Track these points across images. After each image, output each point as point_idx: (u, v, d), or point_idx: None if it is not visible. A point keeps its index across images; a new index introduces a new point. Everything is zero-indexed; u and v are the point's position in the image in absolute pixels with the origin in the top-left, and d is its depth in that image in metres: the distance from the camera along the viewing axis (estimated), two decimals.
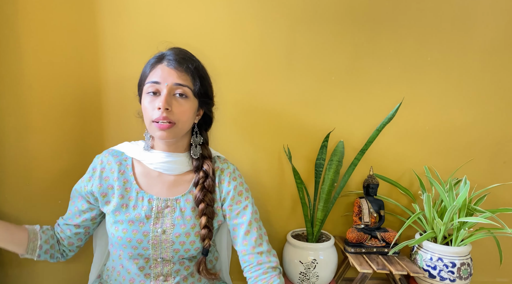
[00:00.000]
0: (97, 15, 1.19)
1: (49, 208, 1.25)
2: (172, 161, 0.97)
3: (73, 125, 1.23)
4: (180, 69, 0.91)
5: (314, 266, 1.21)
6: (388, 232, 1.28)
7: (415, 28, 1.31)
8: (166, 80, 0.89)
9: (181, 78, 0.90)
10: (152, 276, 0.96)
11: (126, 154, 1.00)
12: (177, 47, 0.98)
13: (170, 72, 0.90)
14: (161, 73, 0.90)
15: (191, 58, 0.95)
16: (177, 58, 0.92)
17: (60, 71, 1.20)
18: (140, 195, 0.96)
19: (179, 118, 0.91)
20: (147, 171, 0.98)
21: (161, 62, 0.92)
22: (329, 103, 1.33)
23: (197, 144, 1.00)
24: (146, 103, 0.91)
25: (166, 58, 0.92)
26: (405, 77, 1.34)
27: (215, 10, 1.23)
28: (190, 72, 0.92)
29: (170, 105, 0.89)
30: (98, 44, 1.20)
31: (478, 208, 1.25)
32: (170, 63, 0.91)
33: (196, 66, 0.94)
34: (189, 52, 0.98)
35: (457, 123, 1.38)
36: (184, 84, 0.91)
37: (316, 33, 1.28)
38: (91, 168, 1.00)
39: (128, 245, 0.92)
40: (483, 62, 1.35)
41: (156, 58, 0.94)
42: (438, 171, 1.38)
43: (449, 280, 1.20)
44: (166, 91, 0.89)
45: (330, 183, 1.28)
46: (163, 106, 0.87)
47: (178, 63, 0.91)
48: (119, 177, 0.97)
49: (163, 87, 0.89)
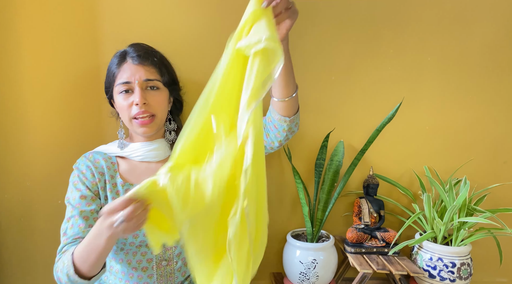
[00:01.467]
0: (97, 15, 1.19)
1: (49, 207, 1.25)
2: (155, 148, 1.00)
3: (73, 125, 1.23)
4: (146, 63, 0.94)
5: (314, 266, 1.21)
6: (388, 232, 1.28)
7: (415, 28, 1.31)
8: (135, 78, 0.93)
9: (149, 73, 0.94)
10: (155, 262, 0.97)
11: (108, 153, 1.02)
12: (136, 43, 1.01)
13: (137, 68, 0.93)
14: (129, 71, 0.93)
15: (153, 51, 0.99)
16: (141, 53, 0.95)
17: (60, 71, 1.20)
18: (126, 187, 0.98)
19: (157, 109, 0.95)
20: (133, 165, 1.01)
21: (125, 60, 0.95)
22: (329, 103, 1.33)
23: (170, 130, 1.04)
24: (121, 102, 0.94)
25: (129, 55, 0.95)
26: (405, 77, 1.34)
27: (215, 10, 1.23)
28: (156, 65, 0.96)
29: (145, 99, 0.92)
30: (98, 44, 1.20)
31: (478, 208, 1.25)
32: (135, 60, 0.94)
33: (159, 57, 0.98)
34: (149, 46, 1.01)
35: (457, 123, 1.38)
36: (153, 78, 0.95)
37: (316, 33, 1.28)
38: (80, 170, 0.98)
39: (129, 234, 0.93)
40: (483, 62, 1.35)
41: (119, 57, 0.96)
42: (438, 171, 1.38)
43: (449, 280, 1.20)
44: (138, 87, 0.92)
45: (330, 183, 1.28)
46: (140, 102, 0.91)
47: (142, 58, 0.94)
48: (107, 172, 0.99)
49: (134, 85, 0.93)
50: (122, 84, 0.93)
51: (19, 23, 1.16)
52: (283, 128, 0.96)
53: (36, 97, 1.20)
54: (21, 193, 1.24)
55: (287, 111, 0.93)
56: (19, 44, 1.17)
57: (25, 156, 1.22)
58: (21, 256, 1.27)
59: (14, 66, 1.18)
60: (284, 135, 0.98)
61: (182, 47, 1.21)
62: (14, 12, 1.15)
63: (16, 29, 1.16)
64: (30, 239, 1.27)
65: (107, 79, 0.99)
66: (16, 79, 1.18)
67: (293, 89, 0.91)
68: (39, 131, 1.21)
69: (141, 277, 0.97)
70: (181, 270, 1.00)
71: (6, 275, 1.28)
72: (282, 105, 0.92)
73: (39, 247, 1.27)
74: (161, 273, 0.98)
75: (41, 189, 1.24)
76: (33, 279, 1.29)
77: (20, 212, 1.25)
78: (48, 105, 1.20)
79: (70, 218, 0.94)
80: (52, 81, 1.20)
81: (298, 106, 0.97)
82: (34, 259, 1.28)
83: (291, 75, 0.89)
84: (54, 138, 1.22)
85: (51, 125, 1.22)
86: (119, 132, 1.02)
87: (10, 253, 1.27)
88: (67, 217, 0.95)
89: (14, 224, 1.25)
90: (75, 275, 0.82)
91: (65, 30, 1.18)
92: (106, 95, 1.03)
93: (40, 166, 1.23)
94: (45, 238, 1.26)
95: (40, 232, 1.26)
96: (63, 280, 0.85)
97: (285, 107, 0.92)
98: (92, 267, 0.82)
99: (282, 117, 0.94)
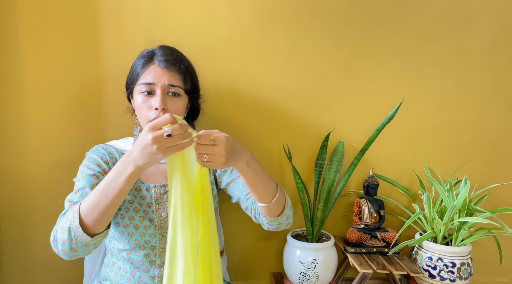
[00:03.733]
0: (97, 15, 1.19)
1: (49, 207, 1.25)
2: None
3: (73, 125, 1.23)
4: (173, 69, 0.94)
5: (314, 266, 1.21)
6: (388, 232, 1.28)
7: (415, 28, 1.31)
8: (159, 81, 0.92)
9: (174, 79, 0.94)
10: (157, 264, 0.97)
11: (120, 149, 1.03)
12: (166, 46, 1.00)
13: (163, 72, 0.93)
14: (154, 74, 0.93)
15: (182, 57, 0.99)
16: (169, 58, 0.94)
17: (60, 70, 1.20)
18: (137, 185, 0.98)
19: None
20: None
21: (152, 61, 0.94)
22: (329, 103, 1.33)
23: None
24: (140, 103, 0.93)
25: (157, 58, 0.95)
26: (405, 77, 1.34)
27: (215, 10, 1.23)
28: (181, 72, 0.95)
29: (165, 105, 0.92)
30: (98, 44, 1.20)
31: (478, 208, 1.25)
32: (161, 63, 0.93)
33: (186, 65, 0.97)
34: (178, 51, 1.01)
35: (457, 123, 1.38)
36: (177, 84, 0.94)
37: (316, 33, 1.28)
38: (94, 155, 0.98)
39: (136, 232, 0.94)
40: (483, 62, 1.35)
41: (146, 58, 0.96)
42: (438, 171, 1.38)
43: (449, 280, 1.20)
44: (160, 91, 0.91)
45: (330, 183, 1.28)
46: (160, 106, 0.90)
47: (170, 63, 0.94)
48: None
49: (156, 88, 0.92)
50: (145, 85, 0.93)
51: (19, 23, 1.16)
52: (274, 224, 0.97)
53: (36, 97, 1.20)
54: (21, 193, 1.24)
55: (269, 213, 0.94)
56: (19, 45, 1.17)
57: (25, 156, 1.22)
58: (21, 256, 1.27)
59: (14, 66, 1.18)
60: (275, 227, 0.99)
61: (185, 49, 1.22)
62: (14, 12, 1.15)
63: (16, 29, 1.16)
64: (30, 239, 1.27)
65: (130, 76, 0.99)
66: (16, 79, 1.18)
67: (269, 195, 0.90)
68: (39, 131, 1.21)
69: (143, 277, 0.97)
70: None
71: (6, 275, 1.28)
72: (264, 209, 0.93)
73: (39, 247, 1.27)
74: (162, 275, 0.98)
75: (41, 189, 1.24)
76: (33, 279, 1.29)
77: (20, 212, 1.25)
78: (48, 105, 1.20)
79: (80, 189, 0.90)
80: (52, 81, 1.20)
81: (285, 206, 0.96)
82: (34, 259, 1.28)
83: (260, 187, 0.88)
84: (54, 138, 1.22)
85: (51, 126, 1.22)
86: (135, 130, 1.03)
87: (10, 253, 1.27)
88: (75, 189, 0.91)
89: (14, 224, 1.25)
90: (78, 228, 0.76)
91: (65, 30, 1.18)
92: (126, 91, 1.02)
93: (40, 166, 1.23)
94: (45, 238, 1.26)
95: (40, 232, 1.26)
96: (61, 240, 0.78)
97: (268, 211, 0.93)
98: (99, 218, 0.77)
99: (267, 218, 0.96)
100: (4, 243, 1.26)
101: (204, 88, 1.07)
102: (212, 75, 1.01)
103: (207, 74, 1.20)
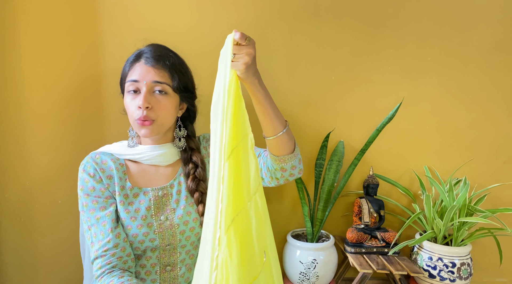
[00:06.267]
0: (97, 15, 1.19)
1: (49, 207, 1.25)
2: (162, 153, 0.98)
3: (73, 125, 1.23)
4: (158, 66, 0.92)
5: (314, 266, 1.21)
6: (388, 232, 1.28)
7: (416, 28, 1.31)
8: (144, 78, 0.91)
9: (159, 76, 0.92)
10: (159, 266, 0.97)
11: (115, 154, 1.00)
12: (155, 44, 0.99)
13: (148, 70, 0.92)
14: (140, 71, 0.92)
15: (168, 54, 0.96)
16: (155, 55, 0.93)
17: (60, 70, 1.20)
18: (134, 191, 0.97)
19: (159, 114, 0.92)
20: (142, 169, 0.99)
21: (139, 60, 0.94)
22: (329, 103, 1.33)
23: (180, 136, 1.02)
24: (128, 102, 0.93)
25: (144, 56, 0.94)
26: (405, 77, 1.34)
27: (215, 10, 1.23)
28: (167, 68, 0.93)
29: (150, 103, 0.90)
30: (98, 44, 1.20)
31: (478, 208, 1.25)
32: (147, 61, 0.92)
33: (173, 62, 0.95)
34: (167, 48, 0.99)
35: (457, 123, 1.38)
36: (162, 81, 0.92)
37: (316, 33, 1.28)
38: (87, 173, 0.95)
39: (135, 240, 0.93)
40: (483, 62, 1.35)
41: (134, 56, 0.95)
42: (438, 171, 1.38)
43: (449, 280, 1.20)
44: (145, 89, 0.91)
45: (330, 183, 1.28)
46: (143, 105, 0.89)
47: (155, 60, 0.92)
48: (116, 174, 0.97)
49: (142, 85, 0.91)
50: (131, 83, 0.92)
51: (19, 23, 1.16)
52: (276, 168, 0.94)
53: (36, 97, 1.20)
54: (21, 193, 1.24)
55: (282, 149, 0.91)
56: (19, 44, 1.17)
57: (25, 156, 1.22)
58: (21, 256, 1.27)
59: (14, 66, 1.18)
60: (278, 180, 0.97)
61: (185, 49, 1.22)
62: (15, 12, 1.15)
63: (16, 29, 1.16)
64: (30, 239, 1.27)
65: (121, 76, 0.98)
66: (16, 79, 1.18)
67: (279, 126, 0.90)
68: (39, 132, 1.21)
69: (144, 280, 0.97)
70: (184, 276, 1.00)
71: (6, 275, 1.28)
72: (276, 144, 0.91)
73: (39, 247, 1.27)
74: (164, 278, 0.97)
75: (41, 189, 1.24)
76: (33, 279, 1.29)
77: (20, 212, 1.25)
78: (48, 105, 1.21)
79: (90, 226, 0.92)
80: (52, 81, 1.20)
81: (295, 147, 0.94)
82: (34, 259, 1.28)
83: (271, 111, 0.88)
84: (54, 138, 1.22)
85: (51, 126, 1.22)
86: (130, 131, 1.01)
87: (10, 253, 1.27)
88: (87, 225, 0.93)
89: (14, 224, 1.25)
90: None
91: (65, 30, 1.18)
92: (121, 92, 1.01)
93: (40, 166, 1.23)
94: (45, 237, 1.27)
95: (40, 232, 1.26)
96: None
97: (280, 145, 0.91)
98: None
99: (274, 156, 0.93)
100: (4, 243, 1.26)
101: (203, 89, 1.07)
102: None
103: (206, 75, 1.19)
